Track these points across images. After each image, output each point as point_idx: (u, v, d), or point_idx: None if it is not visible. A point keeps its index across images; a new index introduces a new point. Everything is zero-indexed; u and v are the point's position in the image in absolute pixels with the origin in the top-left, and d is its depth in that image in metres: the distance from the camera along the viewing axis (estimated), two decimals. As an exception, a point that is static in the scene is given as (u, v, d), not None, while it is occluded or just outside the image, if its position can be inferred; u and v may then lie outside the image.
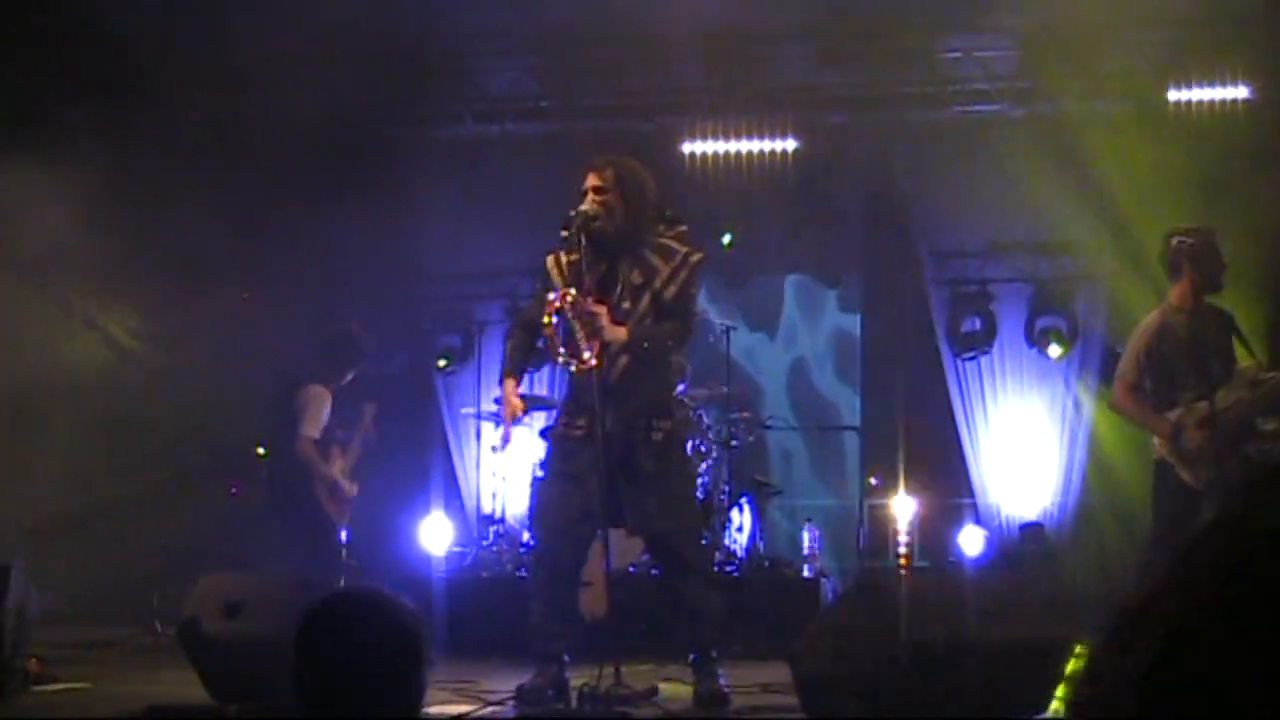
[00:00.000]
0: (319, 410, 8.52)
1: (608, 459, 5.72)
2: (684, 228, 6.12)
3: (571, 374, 6.06)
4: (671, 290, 5.92)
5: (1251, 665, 0.79)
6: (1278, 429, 6.29)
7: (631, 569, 8.55)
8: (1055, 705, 5.17)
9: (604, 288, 5.96)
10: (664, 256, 5.97)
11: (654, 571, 7.12)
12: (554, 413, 7.18)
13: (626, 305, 5.90)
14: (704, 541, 7.51)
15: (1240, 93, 10.25)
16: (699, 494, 8.42)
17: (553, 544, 6.01)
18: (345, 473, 8.71)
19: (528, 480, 9.80)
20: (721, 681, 5.92)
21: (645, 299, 5.92)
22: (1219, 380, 6.26)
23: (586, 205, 5.93)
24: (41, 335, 10.03)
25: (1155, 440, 6.42)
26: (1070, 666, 6.59)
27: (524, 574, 8.95)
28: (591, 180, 5.98)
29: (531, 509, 6.58)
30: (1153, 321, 6.53)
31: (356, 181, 10.61)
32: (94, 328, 10.88)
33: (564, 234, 6.00)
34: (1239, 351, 6.52)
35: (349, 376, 8.77)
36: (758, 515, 9.42)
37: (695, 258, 5.98)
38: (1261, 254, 6.97)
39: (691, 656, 6.02)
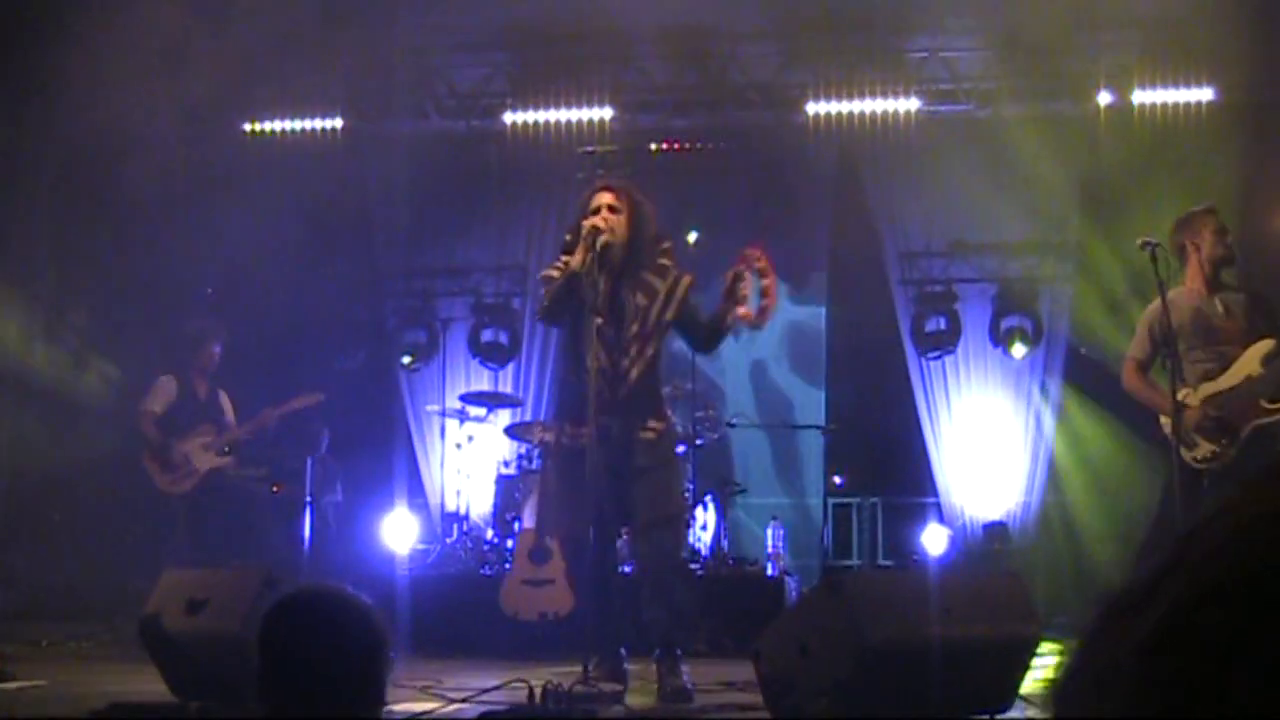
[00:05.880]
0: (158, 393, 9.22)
1: (609, 461, 5.80)
2: (669, 244, 6.25)
3: (574, 380, 6.06)
4: (669, 313, 6.05)
5: (1251, 651, 0.77)
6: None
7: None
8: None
9: (611, 309, 5.99)
10: (660, 275, 6.09)
11: (623, 569, 7.09)
12: (549, 419, 7.02)
13: (635, 328, 5.99)
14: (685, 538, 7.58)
15: (1205, 94, 10.32)
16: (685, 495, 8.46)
17: (594, 546, 5.97)
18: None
19: (492, 478, 9.79)
20: (685, 678, 5.92)
21: (652, 319, 6.03)
22: (1230, 358, 6.28)
23: (599, 220, 5.94)
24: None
25: (1162, 418, 6.42)
26: (1055, 661, 6.63)
27: (487, 571, 8.93)
28: (605, 198, 6.03)
29: (564, 521, 6.50)
30: (1159, 300, 6.52)
31: (321, 177, 10.57)
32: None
33: (568, 238, 6.10)
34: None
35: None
36: (722, 514, 9.43)
37: (685, 281, 6.13)
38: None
39: (656, 652, 6.02)
